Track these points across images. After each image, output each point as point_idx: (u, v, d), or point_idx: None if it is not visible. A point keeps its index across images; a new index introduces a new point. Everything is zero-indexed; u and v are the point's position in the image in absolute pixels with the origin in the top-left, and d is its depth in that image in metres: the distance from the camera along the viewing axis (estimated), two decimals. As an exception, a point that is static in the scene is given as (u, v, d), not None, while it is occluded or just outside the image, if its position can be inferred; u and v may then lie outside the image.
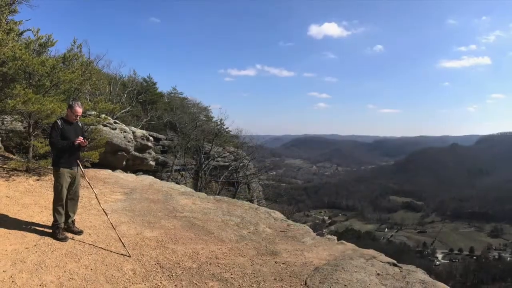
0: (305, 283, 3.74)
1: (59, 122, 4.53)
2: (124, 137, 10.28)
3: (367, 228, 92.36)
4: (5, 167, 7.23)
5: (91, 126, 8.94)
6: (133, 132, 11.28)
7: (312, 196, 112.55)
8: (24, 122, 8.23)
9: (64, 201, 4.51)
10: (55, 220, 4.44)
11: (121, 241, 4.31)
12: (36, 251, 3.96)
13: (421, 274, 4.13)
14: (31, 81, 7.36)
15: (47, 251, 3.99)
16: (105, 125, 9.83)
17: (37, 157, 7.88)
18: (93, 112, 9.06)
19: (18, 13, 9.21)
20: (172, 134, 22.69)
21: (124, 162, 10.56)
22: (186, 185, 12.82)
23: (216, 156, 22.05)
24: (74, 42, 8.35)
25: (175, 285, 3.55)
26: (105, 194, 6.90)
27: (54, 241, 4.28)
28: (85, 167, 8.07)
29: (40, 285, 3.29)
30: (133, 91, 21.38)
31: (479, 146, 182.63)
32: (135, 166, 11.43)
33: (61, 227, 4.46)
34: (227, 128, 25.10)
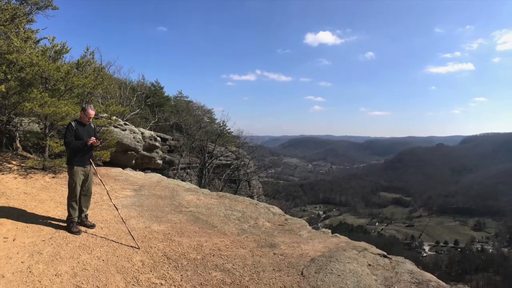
0: (302, 273, 3.73)
1: (73, 123, 4.53)
2: (134, 138, 10.27)
3: (359, 222, 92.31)
4: (23, 166, 7.23)
5: (103, 127, 8.93)
6: (142, 133, 11.27)
7: (308, 192, 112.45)
8: (41, 123, 8.22)
9: (78, 197, 4.52)
10: (69, 215, 4.44)
11: (130, 234, 4.31)
12: (52, 244, 3.96)
13: (409, 265, 4.12)
14: (47, 85, 7.36)
15: (62, 244, 3.99)
16: (116, 127, 9.82)
17: (53, 156, 7.88)
18: (105, 114, 9.05)
19: (35, 22, 9.22)
20: (178, 134, 22.64)
21: (134, 161, 10.55)
22: (191, 182, 12.80)
23: (219, 155, 22.03)
24: (87, 49, 8.36)
25: (181, 275, 3.55)
26: (115, 190, 6.90)
27: (68, 234, 4.28)
28: (97, 165, 8.08)
29: (56, 275, 3.29)
30: (141, 94, 21.34)
31: (463, 146, 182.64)
32: (143, 165, 11.40)
33: (75, 221, 4.46)
34: (229, 129, 25.05)
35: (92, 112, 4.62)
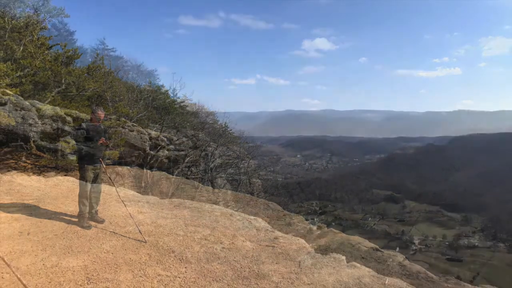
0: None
1: (84, 125, 4.53)
2: (141, 138, 10.26)
3: (353, 217, 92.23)
4: (37, 164, 7.23)
5: (112, 128, 8.93)
6: (149, 134, 11.26)
7: (305, 189, 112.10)
8: (53, 124, 8.22)
9: (88, 194, 4.52)
10: (80, 210, 4.45)
11: (138, 229, 4.31)
12: (64, 238, 3.96)
13: (400, 258, 4.13)
14: (59, 88, 7.36)
15: (73, 238, 3.99)
16: (124, 128, 9.82)
17: (65, 155, 7.87)
18: (114, 116, 9.05)
19: (48, 30, 9.22)
20: (182, 135, 22.62)
21: (141, 160, 10.54)
22: (194, 180, 12.78)
23: (221, 154, 22.02)
24: (97, 55, 8.35)
25: (185, 267, 3.55)
26: (124, 187, 6.89)
27: (79, 228, 4.28)
28: (106, 164, 8.07)
29: (67, 267, 3.29)
30: (148, 97, 21.34)
31: (451, 145, 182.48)
32: (150, 163, 11.40)
33: (85, 217, 4.46)
34: (231, 130, 25.02)
35: (101, 114, 4.63)
